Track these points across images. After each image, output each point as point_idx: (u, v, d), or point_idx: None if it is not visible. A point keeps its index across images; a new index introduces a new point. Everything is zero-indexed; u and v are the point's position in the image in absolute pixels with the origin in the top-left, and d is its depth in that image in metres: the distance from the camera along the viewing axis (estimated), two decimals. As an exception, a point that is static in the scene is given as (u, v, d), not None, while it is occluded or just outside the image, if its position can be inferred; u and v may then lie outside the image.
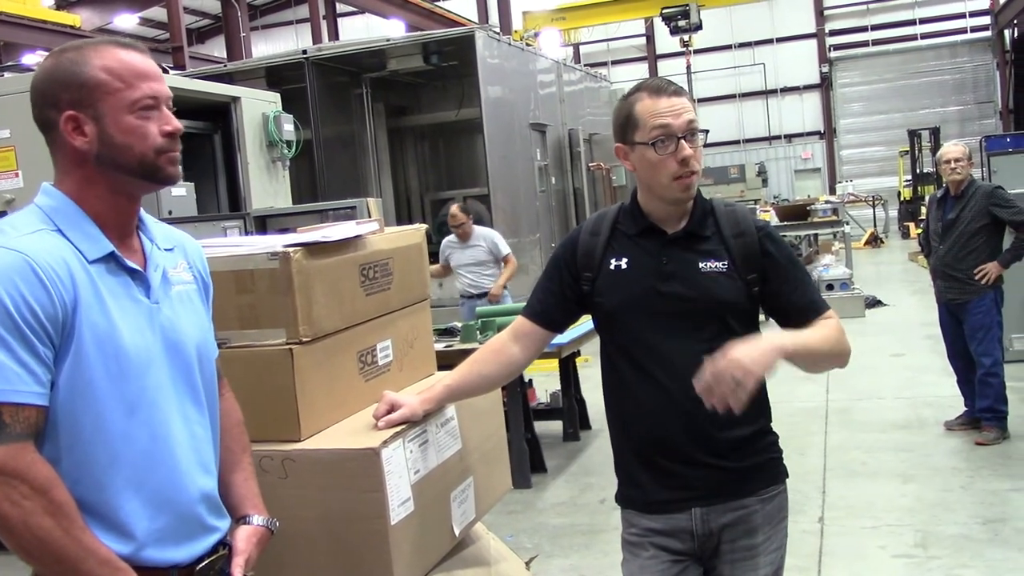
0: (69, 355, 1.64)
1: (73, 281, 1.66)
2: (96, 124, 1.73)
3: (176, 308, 1.84)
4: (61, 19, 20.37)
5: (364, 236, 2.65)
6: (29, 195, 5.53)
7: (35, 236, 1.67)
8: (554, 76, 13.20)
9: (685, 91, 2.38)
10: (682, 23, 24.21)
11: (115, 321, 1.70)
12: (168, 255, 1.89)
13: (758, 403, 2.37)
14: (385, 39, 11.72)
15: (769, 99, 31.98)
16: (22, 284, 1.60)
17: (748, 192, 27.04)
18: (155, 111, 1.77)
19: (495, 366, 2.54)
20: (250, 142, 7.29)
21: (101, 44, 1.78)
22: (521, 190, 11.52)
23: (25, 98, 5.55)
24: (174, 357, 1.81)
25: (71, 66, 1.74)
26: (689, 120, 2.30)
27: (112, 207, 1.78)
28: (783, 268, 2.40)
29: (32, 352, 1.59)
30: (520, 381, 6.43)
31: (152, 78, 1.78)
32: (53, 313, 1.62)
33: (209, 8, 31.14)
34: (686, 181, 2.31)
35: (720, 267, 2.34)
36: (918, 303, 13.35)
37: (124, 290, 1.75)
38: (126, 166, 1.75)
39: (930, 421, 7.22)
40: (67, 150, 1.76)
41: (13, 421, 1.57)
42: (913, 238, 20.86)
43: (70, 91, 1.73)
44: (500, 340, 2.57)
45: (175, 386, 1.80)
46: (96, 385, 1.67)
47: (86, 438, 1.67)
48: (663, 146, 2.29)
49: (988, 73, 29.46)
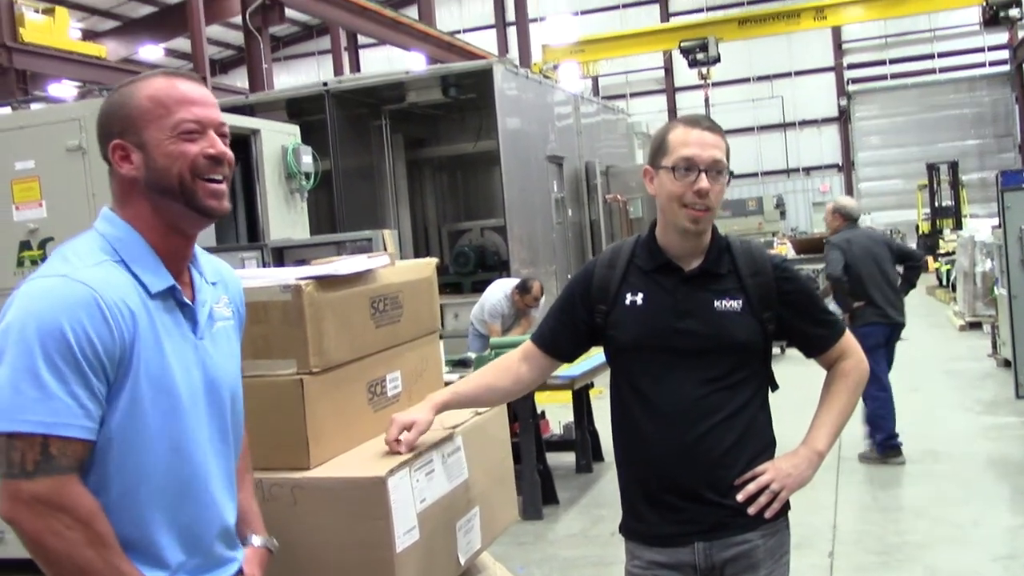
0: (124, 390, 1.67)
1: (134, 317, 1.68)
2: (141, 151, 1.77)
3: (217, 345, 1.88)
4: (87, 50, 20.67)
5: (375, 269, 2.71)
6: (52, 225, 5.64)
7: (100, 268, 1.70)
8: (571, 108, 13.30)
9: (720, 131, 2.41)
10: (700, 56, 24.40)
11: (168, 358, 1.73)
12: (213, 289, 1.92)
13: (764, 442, 2.44)
14: (405, 72, 11.87)
15: (787, 132, 32.06)
16: (86, 318, 1.61)
17: (766, 224, 27.06)
18: (199, 136, 1.79)
19: (504, 382, 2.61)
20: (269, 174, 7.39)
21: (151, 75, 1.83)
22: (538, 222, 11.59)
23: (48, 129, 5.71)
24: (212, 394, 1.84)
25: (120, 99, 1.80)
26: (715, 157, 2.34)
27: (169, 243, 1.80)
28: (801, 304, 2.47)
29: (86, 386, 1.61)
30: (532, 412, 6.47)
31: (196, 103, 1.80)
32: (112, 349, 1.64)
33: (232, 40, 31.57)
34: (695, 213, 2.35)
35: (735, 306, 2.39)
36: (935, 337, 13.32)
37: (176, 327, 1.78)
38: (168, 189, 1.76)
39: (944, 456, 7.20)
40: (118, 178, 1.80)
41: (60, 454, 1.59)
42: (931, 272, 20.80)
43: (118, 122, 1.78)
44: (511, 359, 2.63)
45: (211, 423, 1.84)
46: (146, 422, 1.69)
47: (131, 473, 1.69)
48: (683, 174, 2.34)
49: (1007, 107, 29.45)
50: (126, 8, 28.70)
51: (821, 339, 2.50)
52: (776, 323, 2.42)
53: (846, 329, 2.55)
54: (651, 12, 33.03)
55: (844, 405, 2.48)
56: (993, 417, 8.22)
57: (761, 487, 2.35)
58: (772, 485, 2.35)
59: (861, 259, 7.12)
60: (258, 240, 7.27)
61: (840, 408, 2.48)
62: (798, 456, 2.41)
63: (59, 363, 1.59)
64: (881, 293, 7.14)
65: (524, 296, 8.26)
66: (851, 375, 2.50)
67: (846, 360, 2.50)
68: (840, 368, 2.51)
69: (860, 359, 2.53)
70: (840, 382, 2.50)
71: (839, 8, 26.31)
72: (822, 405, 2.50)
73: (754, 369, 2.43)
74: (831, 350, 2.50)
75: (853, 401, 2.51)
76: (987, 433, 7.75)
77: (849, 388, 2.49)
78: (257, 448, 2.21)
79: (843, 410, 2.48)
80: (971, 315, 13.24)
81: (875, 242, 7.34)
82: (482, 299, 8.67)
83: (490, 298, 8.54)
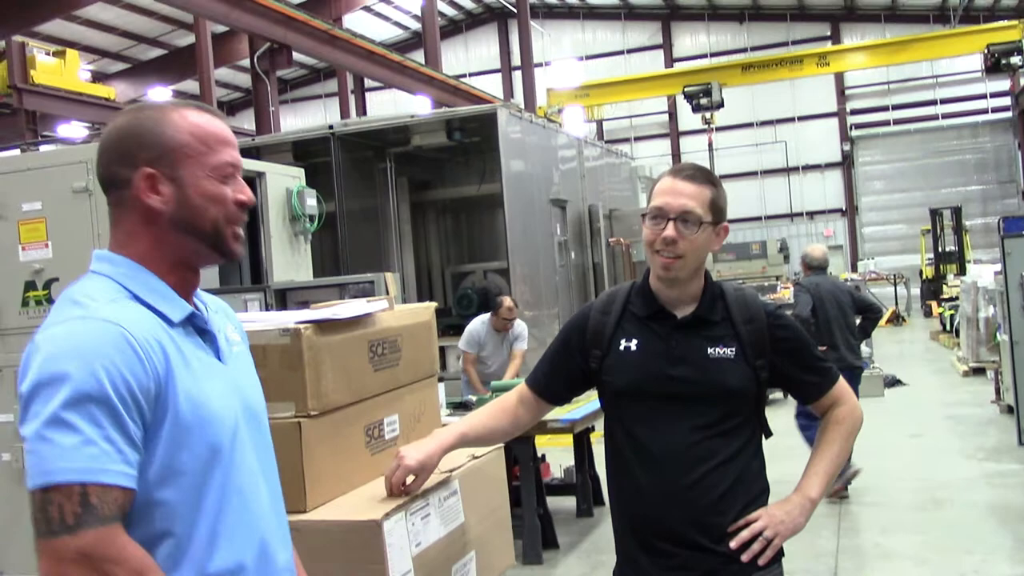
0: (164, 429, 1.57)
1: (163, 350, 1.59)
2: (174, 185, 1.68)
3: (240, 369, 1.81)
4: (97, 91, 20.92)
5: (374, 313, 2.74)
6: (57, 266, 5.69)
7: (119, 305, 1.60)
8: (575, 152, 13.40)
9: (705, 181, 2.42)
10: (704, 101, 24.63)
11: (204, 388, 1.64)
12: (218, 317, 1.85)
13: (757, 488, 2.46)
14: (410, 116, 11.96)
15: (791, 176, 32.20)
16: (118, 358, 1.51)
17: (770, 268, 27.08)
18: (232, 179, 1.74)
19: (504, 423, 2.65)
20: (273, 216, 7.46)
21: (183, 106, 1.75)
22: (541, 264, 11.64)
23: (56, 172, 5.76)
24: (251, 419, 1.76)
25: (152, 125, 1.70)
26: (685, 207, 2.37)
27: (178, 279, 1.72)
28: (794, 352, 2.49)
29: (123, 431, 1.50)
30: (533, 456, 6.46)
31: (232, 145, 1.76)
32: (147, 386, 1.54)
33: (240, 82, 31.89)
34: (665, 260, 2.38)
35: (729, 353, 2.41)
36: (939, 383, 13.30)
37: (203, 353, 1.70)
38: (199, 230, 1.70)
39: (946, 503, 7.17)
40: (139, 209, 1.69)
41: (101, 503, 1.46)
42: (935, 316, 20.79)
43: (149, 149, 1.68)
44: (510, 400, 2.67)
45: (256, 450, 1.75)
46: (195, 459, 1.60)
47: (186, 517, 1.59)
48: (653, 222, 2.40)
49: (1010, 153, 29.58)
50: (136, 51, 29.04)
51: (815, 387, 2.53)
52: (769, 371, 2.44)
53: (839, 376, 2.56)
54: (655, 57, 33.33)
55: (837, 452, 2.50)
56: (996, 464, 8.19)
57: (754, 534, 2.36)
58: (765, 532, 2.36)
59: (828, 303, 7.57)
60: (261, 282, 7.32)
61: (833, 455, 2.49)
62: (791, 503, 2.42)
63: (92, 408, 1.48)
64: (843, 337, 7.56)
65: (496, 314, 8.22)
66: (845, 422, 2.51)
67: (840, 407, 2.52)
68: (834, 415, 2.52)
69: (854, 406, 2.55)
70: (833, 429, 2.51)
71: (841, 55, 26.61)
72: (815, 452, 2.52)
73: (747, 416, 2.45)
74: (825, 397, 2.53)
75: (847, 448, 2.53)
76: (990, 480, 7.72)
77: (842, 435, 2.51)
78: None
79: (836, 457, 2.50)
80: (974, 360, 13.22)
81: (840, 290, 7.80)
82: None
83: (468, 328, 8.55)
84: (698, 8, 32.95)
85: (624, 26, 33.90)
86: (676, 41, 33.59)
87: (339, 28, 18.44)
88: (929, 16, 29.74)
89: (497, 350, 8.37)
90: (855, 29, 31.58)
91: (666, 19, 33.56)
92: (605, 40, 34.22)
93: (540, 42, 32.49)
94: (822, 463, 2.48)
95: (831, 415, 2.53)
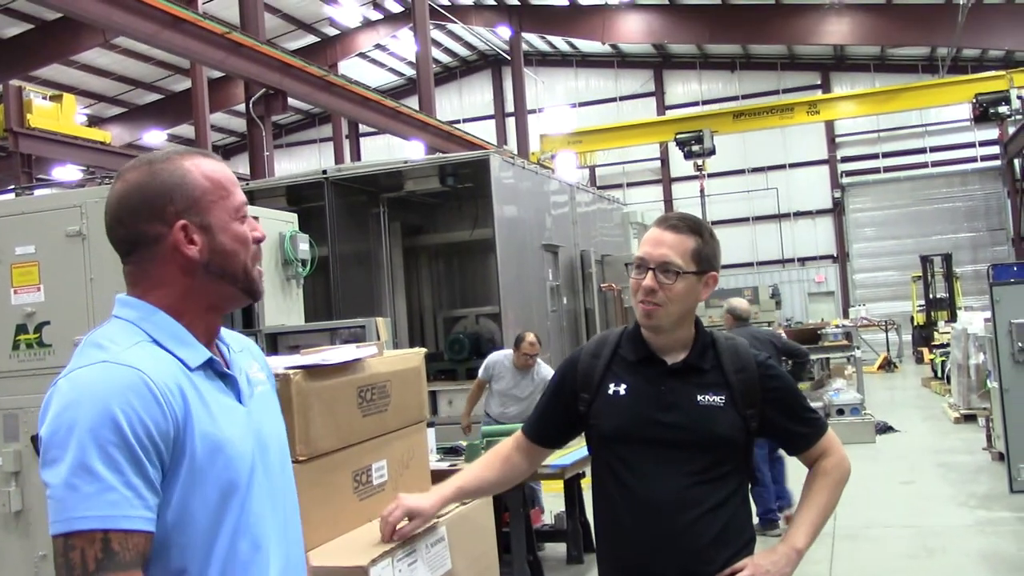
0: (181, 471, 1.59)
1: (182, 393, 1.61)
2: (204, 233, 1.70)
3: (264, 410, 1.83)
4: (93, 135, 21.07)
5: (364, 359, 2.76)
6: (49, 309, 5.70)
7: (139, 348, 1.62)
8: (567, 197, 13.49)
9: (688, 231, 2.44)
10: (696, 148, 24.82)
11: (223, 430, 1.66)
12: (242, 356, 1.86)
13: (744, 537, 2.47)
14: (403, 161, 12.05)
15: (782, 223, 32.35)
16: (137, 402, 1.54)
17: (762, 314, 27.14)
18: (246, 219, 1.78)
19: (502, 473, 2.67)
20: (266, 260, 7.49)
21: (189, 154, 1.77)
22: (533, 309, 11.66)
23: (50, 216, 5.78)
24: (267, 461, 1.77)
25: (170, 177, 1.70)
26: (665, 257, 2.41)
27: (204, 322, 1.75)
28: (784, 403, 2.51)
29: (142, 475, 1.52)
30: (523, 502, 6.44)
31: (238, 185, 1.79)
32: (166, 430, 1.56)
33: (235, 127, 32.08)
34: (645, 308, 2.43)
35: (718, 401, 2.42)
36: (930, 430, 13.30)
37: (223, 396, 1.71)
38: (232, 274, 1.74)
39: (938, 551, 7.15)
40: (177, 262, 1.70)
41: (122, 549, 1.49)
42: (926, 363, 20.82)
43: (177, 201, 1.69)
44: (507, 448, 2.68)
45: (271, 493, 1.76)
46: (209, 501, 1.62)
47: (199, 557, 1.61)
48: (637, 271, 2.45)
49: (999, 201, 29.79)
50: (132, 95, 29.25)
51: (804, 437, 2.54)
52: (759, 420, 2.45)
53: (828, 428, 2.58)
54: (647, 105, 33.63)
55: (825, 503, 2.51)
56: (987, 512, 8.18)
57: None
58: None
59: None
60: (253, 326, 7.33)
61: (821, 506, 2.50)
62: (777, 553, 2.43)
63: (113, 453, 1.49)
64: None
65: (518, 349, 7.97)
66: (832, 473, 2.52)
67: (828, 458, 2.53)
68: (821, 466, 2.53)
69: (842, 457, 2.56)
70: (821, 480, 2.52)
71: (831, 103, 26.90)
72: (803, 503, 2.53)
73: (736, 465, 2.46)
74: (813, 448, 2.54)
75: (835, 499, 2.53)
76: (982, 528, 7.71)
77: (830, 486, 2.52)
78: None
79: (824, 508, 2.51)
80: (966, 407, 13.23)
81: (761, 341, 7.94)
82: None
83: (489, 356, 8.35)
84: (690, 56, 33.30)
85: (617, 74, 34.24)
86: (668, 89, 33.91)
87: (335, 74, 18.61)
88: (918, 66, 30.09)
89: (516, 387, 8.02)
90: (845, 78, 31.94)
91: (658, 67, 33.91)
92: (598, 87, 34.54)
93: (533, 89, 32.82)
94: (810, 514, 2.49)
95: (819, 466, 2.54)
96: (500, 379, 8.08)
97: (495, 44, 32.70)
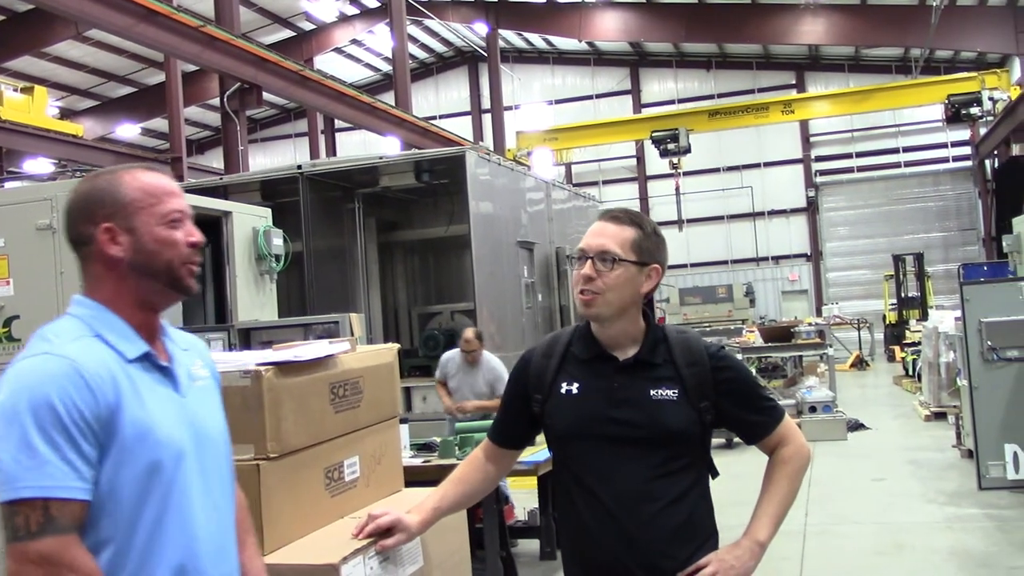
0: (112, 449, 1.80)
1: (115, 381, 1.83)
2: (130, 235, 1.94)
3: (201, 402, 2.03)
4: (64, 128, 20.85)
5: (336, 355, 2.75)
6: (18, 303, 5.64)
7: (79, 342, 1.86)
8: (543, 195, 13.47)
9: (629, 223, 2.47)
10: (671, 146, 24.93)
11: (153, 415, 1.87)
12: (187, 354, 2.08)
13: (706, 532, 2.47)
14: (379, 157, 11.99)
15: (757, 221, 32.53)
16: (71, 388, 1.77)
17: (736, 312, 27.31)
18: (181, 224, 2.00)
19: (477, 485, 2.65)
20: (239, 255, 7.45)
21: (132, 168, 2.03)
22: (508, 306, 11.65)
23: (20, 209, 5.76)
24: (202, 447, 1.97)
25: (107, 186, 1.97)
26: (603, 246, 2.43)
27: (141, 319, 1.97)
28: (738, 393, 2.50)
29: (78, 451, 1.75)
30: (496, 498, 6.43)
31: (178, 195, 2.02)
32: (98, 412, 1.79)
33: (210, 120, 31.88)
34: (582, 297, 2.45)
35: (671, 395, 2.42)
36: (900, 427, 13.41)
37: (159, 386, 1.94)
38: (155, 271, 1.96)
39: (907, 547, 7.21)
40: (103, 259, 1.95)
41: (60, 514, 1.73)
42: (898, 361, 20.99)
43: (106, 207, 1.95)
44: (478, 458, 2.67)
45: (202, 476, 1.96)
46: (136, 477, 1.83)
47: (125, 527, 1.82)
48: (578, 262, 2.47)
49: (971, 201, 30.11)
50: (105, 88, 28.99)
51: (760, 426, 2.54)
52: (714, 412, 2.46)
53: (785, 415, 2.58)
54: (624, 102, 33.70)
55: (785, 493, 2.50)
56: (956, 508, 8.26)
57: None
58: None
59: None
60: (226, 321, 7.29)
61: (781, 496, 2.50)
62: (740, 547, 2.42)
63: (52, 432, 1.73)
64: None
65: (461, 345, 8.33)
66: (791, 462, 2.52)
67: (786, 447, 2.53)
68: (780, 455, 2.53)
69: (800, 445, 2.55)
70: (780, 469, 2.52)
71: (806, 103, 27.08)
72: (763, 494, 2.52)
73: (693, 458, 2.46)
74: (770, 436, 2.53)
75: (794, 487, 2.52)
76: (950, 524, 7.78)
77: (789, 475, 2.51)
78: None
79: (784, 498, 2.50)
80: (936, 405, 13.35)
81: None
82: None
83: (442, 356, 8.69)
84: (666, 55, 33.40)
85: (593, 71, 34.30)
86: (644, 87, 34.01)
87: (310, 69, 18.52)
88: (892, 67, 30.32)
89: (464, 382, 8.30)
90: (819, 78, 32.14)
91: (635, 65, 33.99)
92: (574, 85, 34.59)
93: (510, 86, 32.81)
94: (771, 505, 2.49)
95: (778, 455, 2.53)
96: (453, 376, 8.40)
97: (472, 40, 32.65)
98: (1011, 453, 8.68)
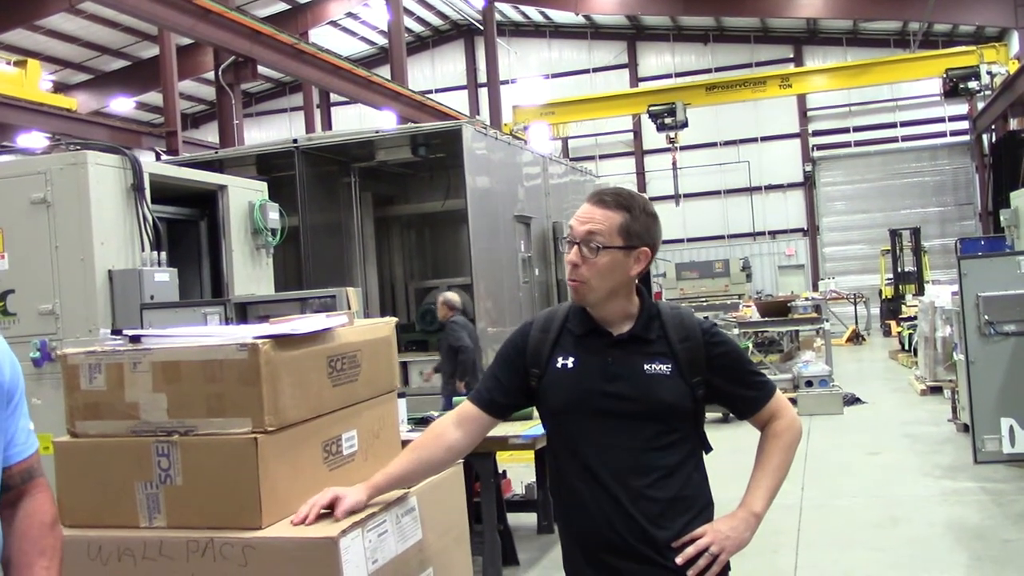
0: None
1: None
2: None
3: None
4: (58, 102, 20.72)
5: (333, 328, 2.72)
6: (14, 277, 5.59)
7: None
8: (540, 169, 13.43)
9: (617, 206, 2.45)
10: (668, 120, 24.84)
11: None
12: None
13: (701, 502, 2.48)
14: (375, 131, 11.93)
15: (754, 196, 32.48)
16: None
17: (732, 287, 27.33)
18: None
19: (436, 451, 2.61)
20: (235, 229, 7.41)
21: None
22: (504, 281, 11.63)
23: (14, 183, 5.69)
24: None
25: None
26: (588, 230, 2.43)
27: None
28: (730, 368, 2.53)
29: None
30: (494, 472, 6.45)
31: None
32: None
33: (204, 95, 31.69)
34: (571, 284, 2.47)
35: (664, 369, 2.44)
36: (897, 401, 13.45)
37: None
38: None
39: (903, 521, 7.24)
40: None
41: None
42: (894, 336, 21.03)
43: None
44: (443, 425, 2.64)
45: None
46: None
47: None
48: (567, 246, 2.48)
49: (967, 176, 30.08)
50: (98, 61, 28.78)
51: (752, 401, 2.56)
52: (706, 387, 2.48)
53: (776, 390, 2.60)
54: (621, 76, 33.56)
55: (778, 465, 2.52)
56: (952, 482, 8.29)
57: (700, 550, 2.38)
58: (711, 548, 2.38)
59: (472, 338, 9.64)
60: (222, 295, 7.26)
61: (774, 468, 2.52)
62: (736, 518, 2.45)
63: None
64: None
65: None
66: (784, 435, 2.54)
67: (778, 420, 2.55)
68: (772, 429, 2.55)
69: (792, 419, 2.57)
70: (773, 442, 2.54)
71: (804, 77, 26.97)
72: (757, 467, 2.54)
73: (686, 432, 2.49)
74: (762, 411, 2.55)
75: (787, 461, 2.54)
76: (946, 498, 7.81)
77: (782, 448, 2.53)
78: (208, 506, 2.21)
79: (777, 470, 2.52)
80: (932, 380, 13.38)
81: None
82: None
83: None
84: (663, 28, 33.23)
85: (590, 45, 34.12)
86: (641, 61, 33.85)
87: (305, 42, 18.40)
88: (890, 40, 30.20)
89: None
90: (817, 52, 32.01)
91: (632, 39, 33.81)
92: (571, 59, 34.42)
93: (506, 60, 32.63)
94: (765, 478, 2.51)
95: (771, 428, 2.56)
96: None
97: (468, 14, 32.45)
98: (1007, 427, 8.71)
